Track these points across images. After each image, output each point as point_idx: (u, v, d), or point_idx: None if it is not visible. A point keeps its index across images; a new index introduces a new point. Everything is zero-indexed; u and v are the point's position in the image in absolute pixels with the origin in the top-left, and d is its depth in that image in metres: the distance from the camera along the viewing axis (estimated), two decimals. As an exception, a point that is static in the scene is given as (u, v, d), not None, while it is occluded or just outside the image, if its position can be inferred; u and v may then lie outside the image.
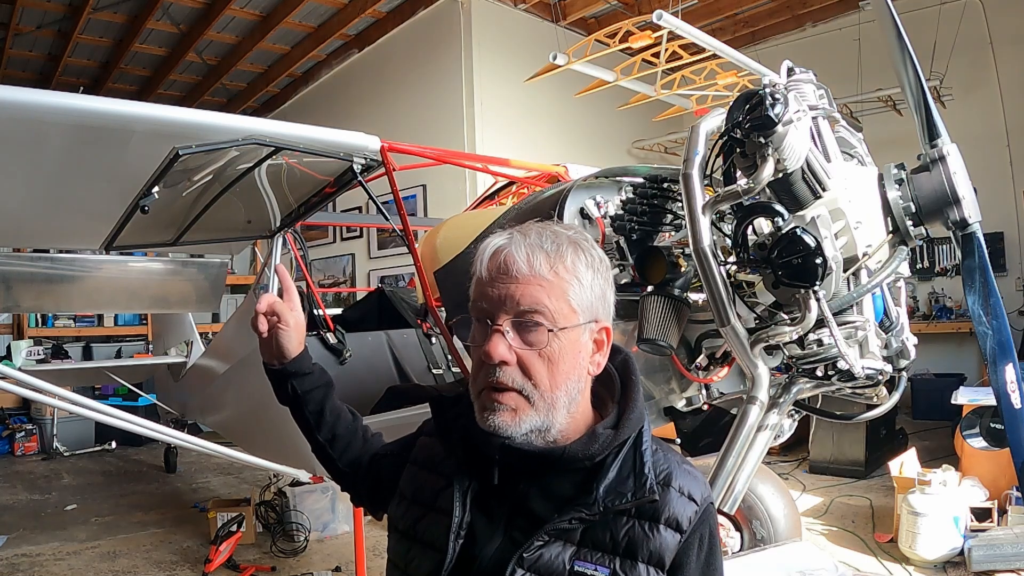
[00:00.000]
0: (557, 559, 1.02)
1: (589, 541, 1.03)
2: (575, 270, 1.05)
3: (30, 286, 4.52)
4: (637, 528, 1.03)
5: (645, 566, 1.02)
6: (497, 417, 1.03)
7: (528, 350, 1.03)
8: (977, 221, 1.82)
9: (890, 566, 3.45)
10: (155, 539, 4.33)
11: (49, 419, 7.08)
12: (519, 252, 1.04)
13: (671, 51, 5.05)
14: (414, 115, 7.60)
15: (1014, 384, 1.72)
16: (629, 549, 1.02)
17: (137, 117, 2.24)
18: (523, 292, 1.02)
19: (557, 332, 1.03)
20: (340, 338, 3.32)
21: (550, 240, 1.06)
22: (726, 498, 1.83)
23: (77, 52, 8.32)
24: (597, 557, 1.02)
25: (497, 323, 1.03)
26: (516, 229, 1.09)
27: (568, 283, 1.04)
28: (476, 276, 1.08)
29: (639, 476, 1.05)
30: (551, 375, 1.04)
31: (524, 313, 1.02)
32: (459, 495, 1.09)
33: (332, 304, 6.43)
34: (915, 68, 1.86)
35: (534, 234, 1.07)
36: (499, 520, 1.08)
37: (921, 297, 7.21)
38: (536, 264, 1.03)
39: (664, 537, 1.03)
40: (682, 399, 2.26)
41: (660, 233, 2.24)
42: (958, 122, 3.14)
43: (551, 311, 1.03)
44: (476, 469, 1.10)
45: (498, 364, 1.02)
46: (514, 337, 1.03)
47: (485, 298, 1.05)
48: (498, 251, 1.06)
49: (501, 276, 1.04)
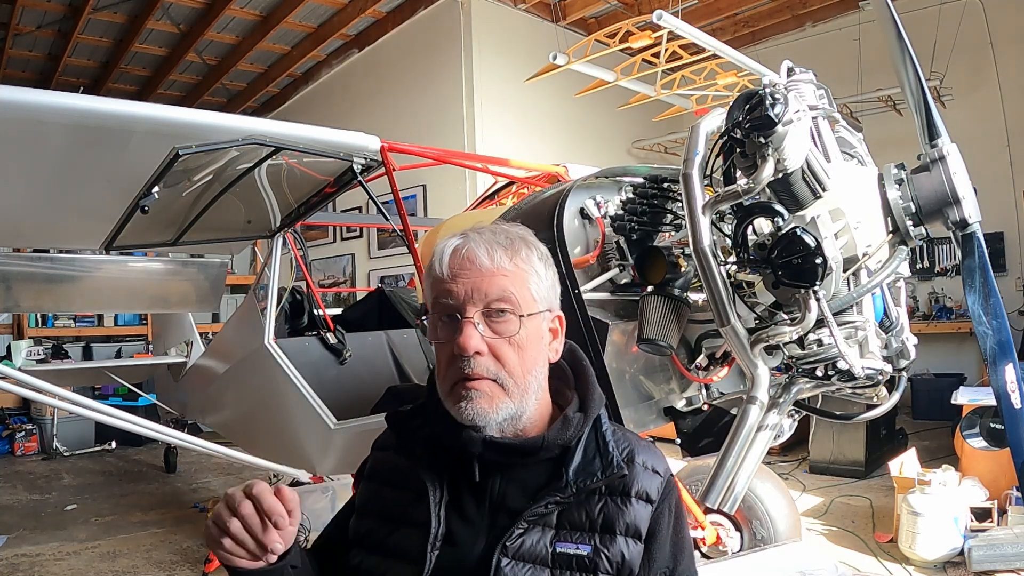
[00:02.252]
0: (539, 544, 1.06)
1: (566, 523, 1.08)
2: (531, 262, 1.12)
3: (30, 286, 4.52)
4: (610, 504, 1.09)
5: (623, 538, 1.07)
6: (475, 405, 1.06)
7: (498, 339, 1.07)
8: (977, 221, 1.81)
9: (890, 566, 3.44)
10: (155, 539, 4.33)
11: (49, 419, 7.07)
12: (479, 248, 1.09)
13: (671, 51, 5.05)
14: (414, 115, 7.60)
15: (1014, 384, 1.72)
16: (606, 524, 1.08)
17: (137, 117, 2.24)
18: (489, 284, 1.07)
19: (524, 319, 1.08)
20: (340, 338, 3.32)
21: (503, 236, 1.12)
22: (726, 498, 1.83)
23: (77, 52, 8.31)
24: (577, 536, 1.07)
25: (467, 315, 1.07)
26: (466, 231, 1.14)
27: (527, 273, 1.11)
28: (434, 276, 1.11)
29: (605, 455, 1.12)
30: (521, 361, 1.09)
31: (493, 302, 1.07)
32: (435, 506, 1.09)
33: (332, 304, 6.42)
34: (915, 68, 1.86)
35: (487, 232, 1.13)
36: (480, 523, 1.09)
37: (921, 297, 7.21)
38: (497, 257, 1.09)
39: (637, 509, 1.09)
40: (682, 399, 2.26)
41: (660, 233, 2.25)
42: (958, 122, 3.14)
43: (517, 299, 1.09)
44: (447, 475, 1.11)
45: (472, 355, 1.05)
46: (484, 328, 1.07)
47: (450, 294, 1.08)
48: (457, 249, 1.10)
49: (464, 272, 1.08)
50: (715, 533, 3.05)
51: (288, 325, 3.54)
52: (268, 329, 3.09)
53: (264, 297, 3.23)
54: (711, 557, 3.06)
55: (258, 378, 3.25)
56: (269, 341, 3.08)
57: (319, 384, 3.01)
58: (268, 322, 3.11)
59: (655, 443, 2.11)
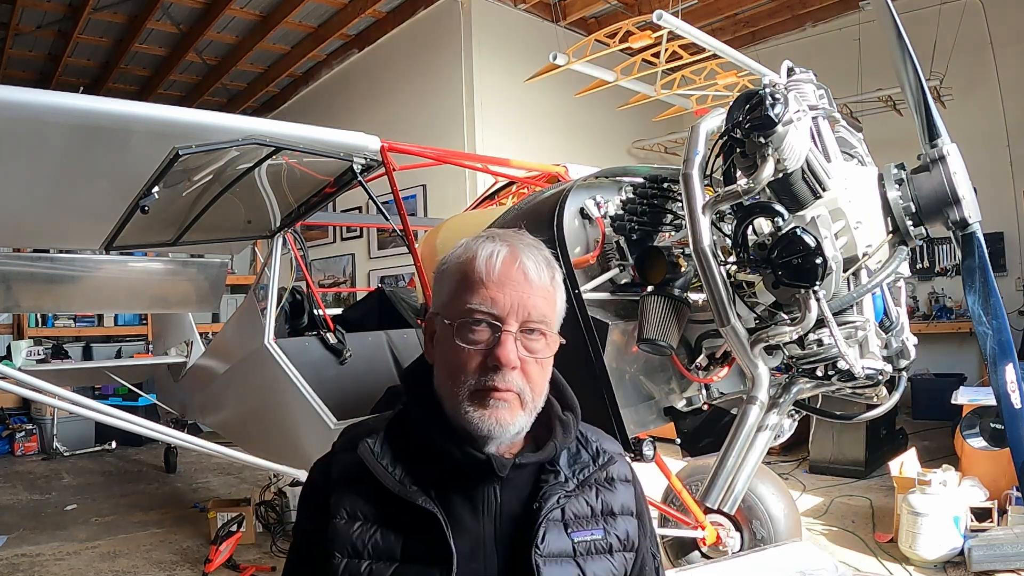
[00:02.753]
0: (560, 539, 1.09)
1: (571, 515, 1.11)
2: (559, 283, 1.14)
3: (30, 286, 4.52)
4: (603, 491, 1.16)
5: (622, 517, 1.16)
6: (498, 415, 1.04)
7: (529, 357, 1.07)
8: (977, 221, 1.81)
9: (890, 566, 3.45)
10: (155, 539, 4.33)
11: (49, 419, 7.07)
12: (529, 261, 1.08)
13: (671, 51, 5.05)
14: (414, 115, 7.60)
15: (1014, 384, 1.72)
16: (606, 508, 1.15)
17: (137, 117, 2.24)
18: (534, 300, 1.07)
19: (549, 341, 1.10)
20: (340, 338, 3.32)
21: (543, 255, 1.12)
22: (726, 498, 1.82)
23: (77, 52, 8.32)
24: (586, 524, 1.12)
25: (507, 327, 1.05)
26: (505, 236, 1.11)
27: (557, 296, 1.12)
28: (474, 277, 1.06)
29: (587, 446, 1.18)
30: (542, 380, 1.10)
31: (533, 321, 1.07)
32: (448, 534, 1.03)
33: (332, 304, 6.42)
34: (915, 68, 1.86)
35: (530, 245, 1.11)
36: (481, 535, 1.07)
37: (921, 297, 7.21)
38: (543, 274, 1.09)
39: (621, 491, 1.19)
40: (682, 399, 2.26)
41: (660, 233, 2.24)
42: (958, 122, 3.14)
43: (549, 321, 1.10)
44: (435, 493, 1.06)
45: (507, 369, 1.04)
46: (520, 344, 1.06)
47: (492, 302, 1.05)
48: (510, 258, 1.07)
49: (514, 283, 1.06)
50: (715, 533, 3.05)
51: (288, 325, 3.54)
52: (268, 329, 3.09)
53: (264, 297, 3.23)
54: (711, 557, 3.06)
55: (258, 378, 3.25)
56: (269, 341, 3.08)
57: (319, 384, 3.01)
58: (268, 322, 3.11)
59: (655, 443, 2.13)
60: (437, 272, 1.16)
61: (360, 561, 1.05)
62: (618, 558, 1.13)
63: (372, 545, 1.06)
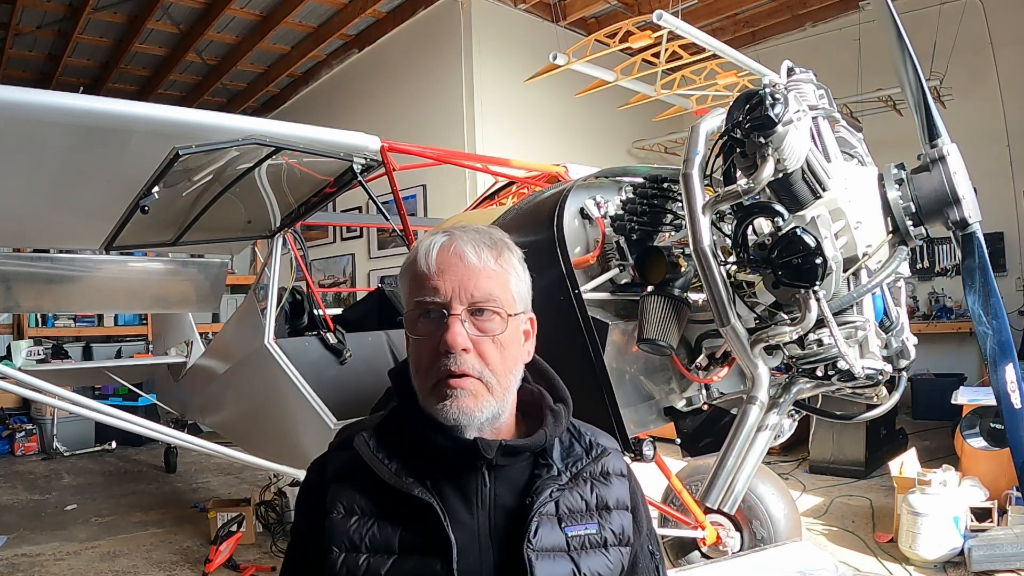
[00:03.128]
0: (552, 533, 1.08)
1: (565, 510, 1.11)
2: (512, 263, 1.14)
3: (30, 286, 4.52)
4: (598, 485, 1.15)
5: (617, 511, 1.15)
6: (460, 403, 1.05)
7: (483, 337, 1.08)
8: (977, 221, 1.81)
9: (890, 566, 3.45)
10: (155, 539, 4.33)
11: (49, 419, 7.07)
12: (466, 246, 1.10)
13: (671, 51, 5.04)
14: (414, 115, 7.60)
15: (1014, 384, 1.72)
16: (600, 502, 1.14)
17: (137, 117, 2.25)
18: (476, 281, 1.08)
19: (506, 318, 1.10)
20: (340, 338, 3.32)
21: (487, 236, 1.13)
22: (726, 498, 1.82)
23: (77, 52, 8.31)
24: (580, 518, 1.11)
25: (453, 312, 1.06)
26: (451, 229, 1.14)
27: (509, 274, 1.13)
28: (418, 272, 1.10)
29: (580, 439, 1.18)
30: (503, 360, 1.10)
31: (480, 301, 1.08)
32: (445, 523, 1.04)
33: (332, 304, 6.42)
34: (915, 68, 1.86)
35: (471, 231, 1.13)
36: (475, 527, 1.07)
37: (921, 297, 7.21)
38: (484, 256, 1.10)
39: (616, 485, 1.17)
40: (682, 399, 2.26)
41: (660, 233, 2.24)
42: (958, 122, 3.14)
43: (501, 299, 1.10)
44: (431, 484, 1.07)
45: (459, 352, 1.05)
46: (470, 325, 1.07)
47: (435, 291, 1.07)
48: (445, 246, 1.10)
49: (452, 268, 1.08)
50: (715, 533, 3.05)
51: (288, 325, 3.54)
52: (268, 329, 3.09)
53: (264, 297, 3.23)
54: (711, 557, 3.06)
55: (258, 378, 3.25)
56: (269, 341, 3.08)
57: (319, 384, 3.01)
58: (268, 322, 3.11)
59: (655, 443, 2.13)
60: (399, 275, 1.19)
61: (358, 555, 1.06)
62: (613, 553, 1.12)
63: (369, 538, 1.06)
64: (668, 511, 3.11)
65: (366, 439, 1.12)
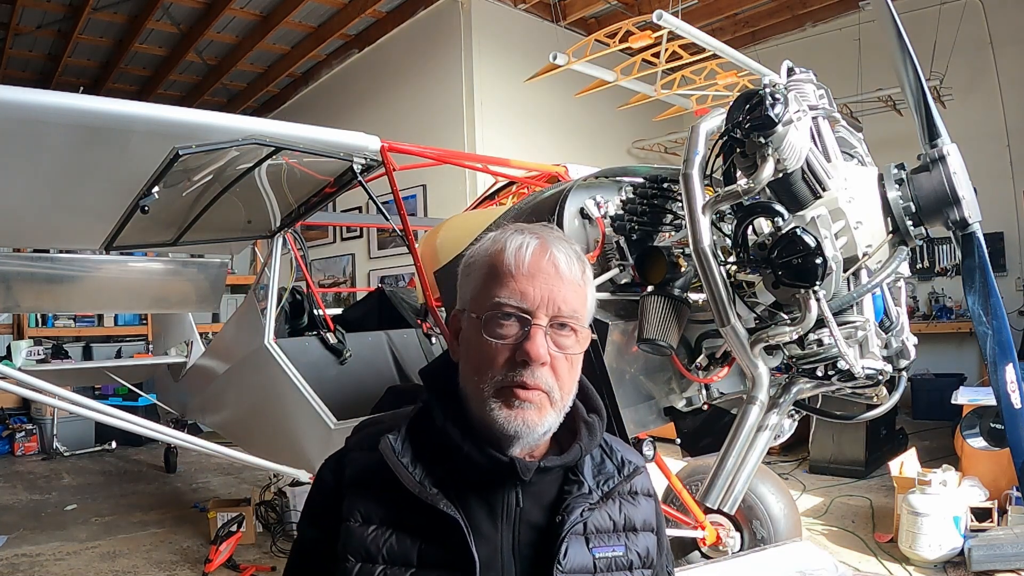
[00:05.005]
0: (581, 554, 1.04)
1: (593, 528, 1.07)
2: (590, 278, 1.08)
3: (30, 286, 4.52)
4: (626, 504, 1.12)
5: (643, 533, 1.12)
6: (525, 415, 1.00)
7: (559, 353, 1.02)
8: (977, 221, 1.81)
9: (890, 566, 3.44)
10: (155, 539, 4.33)
11: (49, 419, 7.07)
12: (560, 253, 1.03)
13: (671, 51, 5.04)
14: (414, 115, 7.60)
15: (1014, 384, 1.72)
16: (628, 523, 1.11)
17: (137, 117, 2.25)
18: (565, 294, 1.02)
19: (581, 336, 1.04)
20: (340, 338, 3.32)
21: (573, 247, 1.07)
22: (726, 498, 1.82)
23: (77, 52, 8.32)
24: (608, 539, 1.08)
25: (537, 321, 1.00)
26: (535, 229, 1.07)
27: (587, 290, 1.07)
28: (503, 269, 1.02)
29: (612, 456, 1.13)
30: (571, 378, 1.05)
31: (565, 315, 1.02)
32: (470, 540, 0.99)
33: (332, 304, 6.42)
34: (915, 68, 1.86)
35: (559, 237, 1.06)
36: (497, 542, 1.03)
37: (921, 297, 7.21)
38: (574, 268, 1.04)
39: (644, 505, 1.15)
40: (682, 399, 2.26)
41: (660, 233, 2.24)
42: (958, 122, 3.14)
43: (580, 316, 1.04)
44: (455, 496, 1.02)
45: (537, 365, 0.99)
46: (550, 339, 1.01)
47: (523, 295, 1.00)
48: (539, 249, 1.03)
49: (544, 275, 1.01)
50: (715, 533, 3.05)
51: (288, 325, 3.54)
52: (268, 329, 3.09)
53: (264, 297, 3.23)
54: (711, 557, 3.06)
55: (258, 378, 3.25)
56: (269, 341, 3.08)
57: (319, 384, 3.01)
58: (268, 322, 3.11)
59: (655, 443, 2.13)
60: (464, 266, 1.10)
61: (374, 566, 1.01)
62: (637, 575, 1.09)
63: (387, 549, 1.01)
64: (668, 511, 3.11)
65: (392, 442, 1.04)
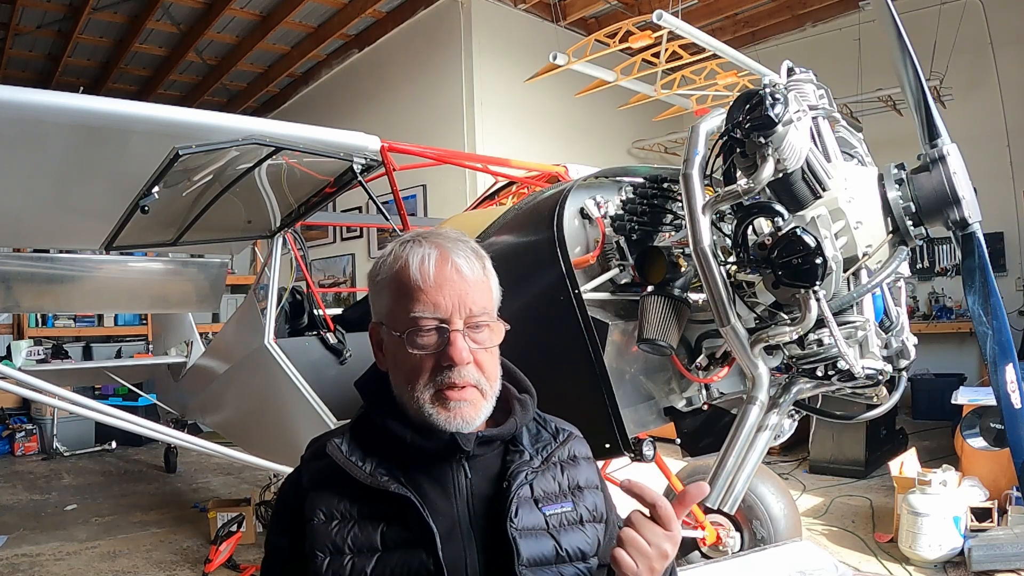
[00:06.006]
0: (532, 514, 1.11)
1: (540, 492, 1.14)
2: (490, 270, 1.17)
3: (30, 286, 4.52)
4: (567, 467, 1.20)
5: (589, 490, 1.20)
6: (462, 412, 1.09)
7: (478, 348, 1.11)
8: (977, 221, 1.81)
9: (890, 566, 3.45)
10: (155, 539, 4.33)
11: (49, 419, 7.07)
12: (460, 258, 1.12)
13: (671, 51, 5.04)
14: (414, 115, 7.59)
15: (1014, 384, 1.72)
16: (572, 483, 1.18)
17: (137, 117, 2.25)
18: (473, 296, 1.11)
19: (494, 328, 1.14)
20: (340, 338, 3.32)
21: (470, 246, 1.16)
22: (726, 498, 1.83)
23: (77, 52, 8.31)
24: (555, 499, 1.15)
25: (455, 327, 1.09)
26: (430, 238, 1.14)
27: (491, 282, 1.17)
28: (411, 285, 1.09)
29: (546, 425, 1.23)
30: (494, 366, 1.15)
31: (476, 315, 1.11)
32: (425, 515, 1.05)
33: (332, 304, 6.42)
34: (915, 68, 1.86)
35: (455, 240, 1.15)
36: (453, 515, 1.10)
37: (921, 297, 7.21)
38: (475, 267, 1.13)
39: (584, 466, 1.22)
40: (682, 399, 2.26)
41: (660, 233, 2.24)
42: (958, 122, 3.13)
43: (490, 310, 1.14)
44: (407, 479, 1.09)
45: (463, 365, 1.08)
46: (469, 339, 1.10)
47: (435, 306, 1.08)
48: (440, 259, 1.10)
49: (450, 283, 1.09)
50: (715, 533, 3.05)
51: (288, 325, 3.53)
52: (268, 329, 3.09)
53: (264, 297, 3.23)
54: (711, 557, 3.06)
55: (258, 378, 3.25)
56: (269, 341, 3.08)
57: (319, 384, 3.01)
58: (268, 322, 3.11)
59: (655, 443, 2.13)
60: (371, 282, 1.19)
61: (342, 556, 1.07)
62: (589, 529, 1.16)
63: (352, 539, 1.07)
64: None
65: (338, 444, 1.13)
